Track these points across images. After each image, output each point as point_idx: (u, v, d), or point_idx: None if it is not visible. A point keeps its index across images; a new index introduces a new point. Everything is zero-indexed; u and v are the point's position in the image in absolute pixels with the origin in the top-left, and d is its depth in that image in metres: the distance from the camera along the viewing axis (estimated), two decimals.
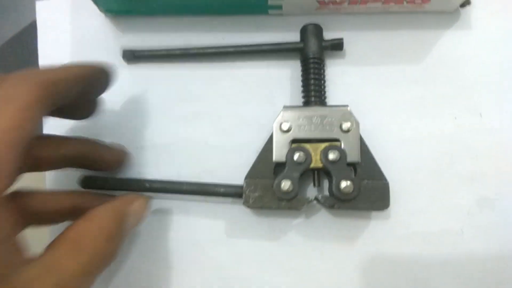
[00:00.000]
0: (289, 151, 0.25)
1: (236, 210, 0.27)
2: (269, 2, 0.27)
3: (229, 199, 0.28)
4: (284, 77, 0.29)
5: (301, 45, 0.28)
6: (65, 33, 0.30)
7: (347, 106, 0.26)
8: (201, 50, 0.29)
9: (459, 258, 0.26)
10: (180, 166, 0.28)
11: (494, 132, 0.28)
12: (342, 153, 0.25)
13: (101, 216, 0.21)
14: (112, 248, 0.21)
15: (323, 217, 0.27)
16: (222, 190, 0.26)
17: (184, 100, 0.29)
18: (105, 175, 0.27)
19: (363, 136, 0.26)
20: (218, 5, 0.28)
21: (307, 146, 0.26)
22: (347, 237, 0.27)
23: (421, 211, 0.27)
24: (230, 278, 0.27)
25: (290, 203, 0.25)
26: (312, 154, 0.26)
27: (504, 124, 0.28)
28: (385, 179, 0.25)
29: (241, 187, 0.26)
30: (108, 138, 0.29)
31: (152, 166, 0.28)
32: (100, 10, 0.29)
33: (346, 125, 0.26)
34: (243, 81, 0.29)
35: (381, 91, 0.28)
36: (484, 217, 0.27)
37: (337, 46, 0.28)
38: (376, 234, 0.27)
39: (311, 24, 0.28)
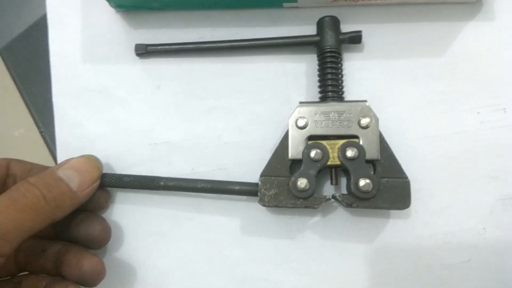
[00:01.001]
0: (305, 148, 0.25)
1: (251, 208, 0.27)
2: None
3: (244, 197, 0.27)
4: (300, 71, 0.28)
5: (318, 38, 0.27)
6: (76, 28, 0.30)
7: (365, 101, 0.25)
8: (214, 44, 0.28)
9: (481, 258, 0.26)
10: (193, 163, 0.28)
11: None
12: (361, 150, 0.24)
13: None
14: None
15: (340, 216, 0.27)
16: (237, 188, 0.26)
17: (198, 96, 0.28)
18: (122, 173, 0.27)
19: (382, 132, 0.25)
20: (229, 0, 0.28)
21: (324, 143, 0.25)
22: (365, 237, 0.26)
23: (442, 210, 0.26)
24: (245, 277, 0.27)
25: (307, 202, 0.24)
26: (330, 151, 0.25)
27: None
28: (406, 177, 0.24)
29: (256, 185, 0.25)
30: (120, 135, 0.28)
31: (165, 163, 0.28)
32: (111, 6, 0.29)
33: (365, 121, 0.25)
34: (257, 76, 0.28)
35: (401, 86, 0.27)
36: (508, 217, 0.26)
37: (356, 39, 0.27)
38: (395, 233, 0.26)
39: (327, 16, 0.27)
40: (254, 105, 0.28)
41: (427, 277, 0.26)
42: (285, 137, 0.25)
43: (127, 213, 0.28)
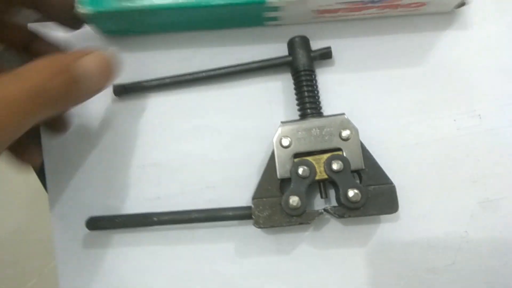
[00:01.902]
0: (292, 166, 0.25)
1: (244, 230, 0.27)
2: (265, 15, 0.27)
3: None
4: (279, 89, 0.29)
5: (290, 58, 0.28)
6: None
7: (343, 114, 0.26)
8: (191, 76, 0.28)
9: (464, 260, 0.26)
10: (182, 183, 0.28)
11: (493, 134, 0.28)
12: (345, 162, 0.25)
13: (40, 69, 0.20)
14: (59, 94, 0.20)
15: (332, 227, 0.27)
16: (231, 213, 0.26)
17: (183, 117, 0.29)
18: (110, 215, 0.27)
19: (364, 142, 0.26)
20: (214, 20, 0.28)
21: (310, 159, 0.26)
22: (356, 244, 0.27)
23: (425, 216, 0.27)
24: None
25: (300, 218, 0.25)
26: (316, 166, 0.25)
27: (503, 125, 0.28)
28: (391, 182, 0.25)
29: (249, 208, 0.26)
30: (109, 158, 0.29)
31: (154, 184, 0.28)
32: (96, 32, 0.29)
33: (345, 133, 0.26)
34: (238, 98, 0.29)
35: (380, 97, 0.28)
36: (488, 219, 0.27)
37: (326, 55, 0.28)
38: (385, 239, 0.27)
39: (297, 36, 0.28)
40: (238, 124, 0.28)
41: (414, 281, 0.26)
42: (272, 157, 0.26)
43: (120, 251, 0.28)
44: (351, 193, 0.25)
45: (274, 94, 0.29)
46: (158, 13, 0.26)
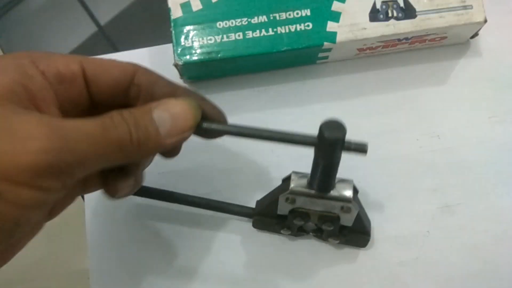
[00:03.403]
0: (290, 213, 0.29)
1: (245, 223, 0.33)
2: (319, 55, 0.34)
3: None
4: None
5: (316, 142, 0.24)
6: None
7: (350, 198, 0.27)
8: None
9: (427, 255, 0.32)
10: (194, 187, 0.34)
11: (450, 151, 0.34)
12: (336, 224, 0.29)
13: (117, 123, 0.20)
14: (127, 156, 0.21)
15: None
16: (236, 209, 0.32)
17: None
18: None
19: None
20: (278, 62, 0.34)
21: (309, 211, 0.29)
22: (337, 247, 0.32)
23: (393, 218, 0.32)
24: (237, 280, 0.32)
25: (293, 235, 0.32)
26: (311, 217, 0.29)
27: (458, 144, 0.34)
28: (368, 235, 0.30)
29: (251, 209, 0.32)
30: None
31: (172, 187, 0.34)
32: (181, 78, 0.35)
33: (346, 209, 0.28)
34: None
35: (358, 120, 0.35)
36: (447, 221, 0.32)
37: (360, 151, 0.25)
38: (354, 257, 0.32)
39: (329, 136, 0.23)
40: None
41: (386, 273, 0.32)
42: (277, 194, 0.29)
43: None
44: (332, 240, 0.31)
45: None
46: (235, 60, 0.32)
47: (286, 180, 0.29)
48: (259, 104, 0.36)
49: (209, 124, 0.25)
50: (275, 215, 0.31)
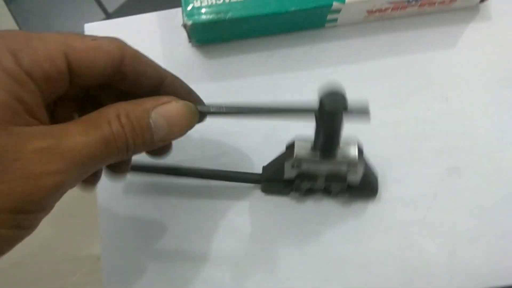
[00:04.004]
0: (297, 177, 0.29)
1: (253, 190, 0.33)
2: (328, 17, 0.34)
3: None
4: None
5: (316, 113, 0.24)
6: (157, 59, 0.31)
7: (356, 159, 0.27)
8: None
9: (434, 216, 0.32)
10: (203, 149, 0.35)
11: (458, 114, 0.34)
12: (344, 184, 0.29)
13: (112, 117, 0.20)
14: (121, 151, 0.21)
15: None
16: (244, 176, 0.32)
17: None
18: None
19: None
20: (285, 25, 0.34)
21: (314, 173, 0.29)
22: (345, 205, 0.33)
23: (400, 180, 0.33)
24: (246, 238, 0.33)
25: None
26: (318, 178, 0.29)
27: (466, 106, 0.34)
28: (376, 191, 0.31)
29: (259, 175, 0.32)
30: None
31: (181, 149, 0.34)
32: (190, 42, 0.36)
33: (352, 170, 0.28)
34: None
35: (365, 84, 0.35)
36: (454, 183, 0.32)
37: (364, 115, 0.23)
38: (369, 200, 0.32)
39: (329, 106, 0.22)
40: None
41: (392, 231, 0.32)
42: (282, 160, 0.29)
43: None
44: (341, 196, 0.31)
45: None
46: (244, 21, 0.32)
47: (290, 147, 0.28)
48: (267, 68, 0.36)
49: (206, 107, 0.25)
50: (282, 179, 0.31)
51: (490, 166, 0.32)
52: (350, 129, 0.26)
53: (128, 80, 0.23)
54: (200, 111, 0.24)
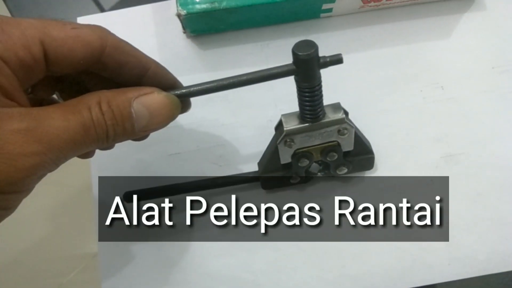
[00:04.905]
0: (294, 157, 0.29)
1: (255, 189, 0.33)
2: (323, 7, 0.34)
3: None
4: None
5: (294, 69, 0.25)
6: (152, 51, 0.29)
7: (343, 118, 0.27)
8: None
9: (430, 200, 0.31)
10: (198, 141, 0.34)
11: (453, 101, 0.34)
12: (339, 152, 0.29)
13: (93, 104, 0.20)
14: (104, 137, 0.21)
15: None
16: (241, 177, 0.32)
17: None
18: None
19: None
20: (279, 15, 0.34)
21: (310, 149, 0.29)
22: (349, 189, 0.33)
23: (397, 167, 0.33)
24: None
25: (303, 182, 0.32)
26: (314, 154, 0.29)
27: (461, 94, 0.34)
28: (372, 153, 0.31)
29: (256, 172, 0.31)
30: None
31: (176, 142, 0.34)
32: (184, 32, 0.35)
33: (342, 132, 0.28)
34: None
35: (360, 73, 0.35)
36: (449, 170, 0.32)
37: (336, 62, 0.25)
38: (366, 186, 0.32)
39: (302, 46, 0.25)
40: (244, 93, 0.35)
41: (388, 219, 0.32)
42: (274, 141, 0.29)
43: None
44: (340, 170, 0.31)
45: None
46: (238, 11, 0.32)
47: (279, 126, 0.29)
48: (262, 58, 0.36)
49: (186, 89, 0.25)
50: (280, 167, 0.31)
51: (486, 152, 0.33)
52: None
53: (109, 69, 0.22)
54: (182, 95, 0.24)
